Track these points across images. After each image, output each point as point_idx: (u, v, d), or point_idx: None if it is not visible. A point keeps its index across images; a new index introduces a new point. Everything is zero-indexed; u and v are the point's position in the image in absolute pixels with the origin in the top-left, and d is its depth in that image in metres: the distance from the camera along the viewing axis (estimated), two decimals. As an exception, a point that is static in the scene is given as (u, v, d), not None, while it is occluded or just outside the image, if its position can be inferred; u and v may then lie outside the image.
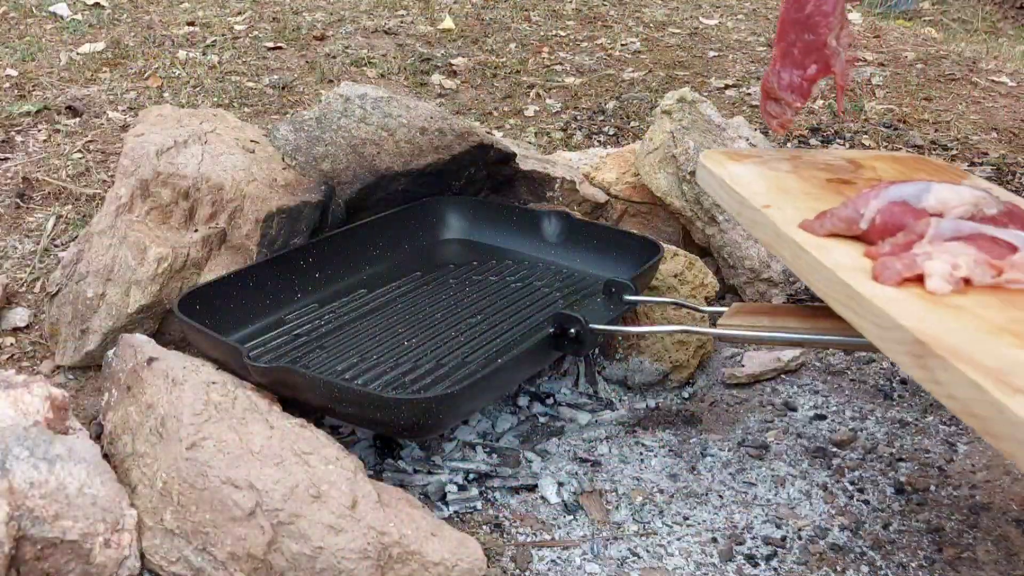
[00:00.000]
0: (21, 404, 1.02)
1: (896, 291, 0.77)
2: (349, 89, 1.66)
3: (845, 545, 1.16)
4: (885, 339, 0.74)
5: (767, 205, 0.98)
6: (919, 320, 0.72)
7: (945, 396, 0.67)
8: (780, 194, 1.01)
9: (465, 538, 1.02)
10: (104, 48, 2.56)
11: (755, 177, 1.07)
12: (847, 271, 0.82)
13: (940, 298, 0.76)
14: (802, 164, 1.11)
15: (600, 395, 1.46)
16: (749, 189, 1.03)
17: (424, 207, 1.64)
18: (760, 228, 0.98)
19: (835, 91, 2.68)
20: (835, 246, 0.88)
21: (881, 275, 0.79)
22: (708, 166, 1.11)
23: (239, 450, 1.03)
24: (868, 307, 0.76)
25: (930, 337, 0.69)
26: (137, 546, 1.00)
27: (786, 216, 0.95)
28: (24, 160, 1.83)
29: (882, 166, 1.13)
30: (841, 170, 1.11)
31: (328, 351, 1.29)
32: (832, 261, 0.84)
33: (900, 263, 0.79)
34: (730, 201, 1.05)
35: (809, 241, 0.88)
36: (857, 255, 0.86)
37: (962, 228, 0.82)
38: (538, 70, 2.70)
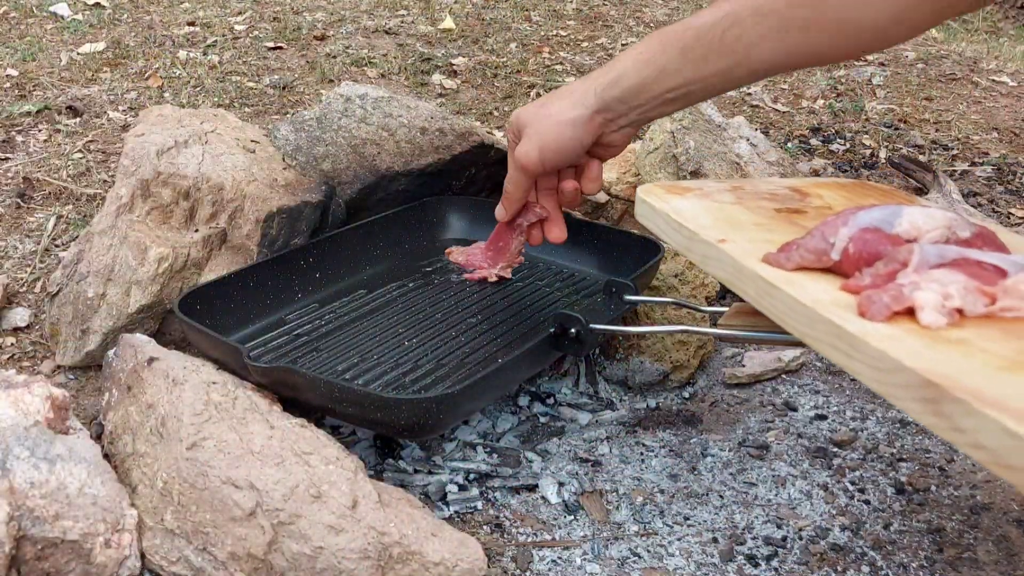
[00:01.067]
0: (21, 404, 1.02)
1: (888, 327, 0.70)
2: (349, 89, 1.66)
3: (846, 545, 1.16)
4: (886, 383, 0.66)
5: (722, 239, 0.90)
6: (924, 359, 0.64)
7: (970, 446, 0.58)
8: (730, 227, 0.94)
9: (466, 538, 1.02)
10: (105, 48, 2.56)
11: (700, 210, 1.00)
12: (828, 307, 0.74)
13: (937, 332, 0.69)
14: (746, 195, 1.05)
15: (600, 395, 1.46)
16: (697, 223, 0.96)
17: (425, 207, 1.64)
18: (716, 264, 0.90)
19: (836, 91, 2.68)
20: (806, 280, 0.80)
21: (868, 310, 0.72)
22: (648, 201, 1.04)
23: (239, 450, 1.03)
24: (861, 347, 0.68)
25: (943, 378, 0.61)
26: (137, 546, 1.00)
27: (743, 249, 0.88)
28: (24, 160, 1.83)
29: (828, 193, 1.07)
30: (787, 199, 1.05)
31: (328, 351, 1.29)
32: (810, 297, 0.76)
33: (887, 296, 0.72)
34: (677, 237, 0.98)
35: (777, 276, 0.81)
36: (833, 289, 0.78)
37: (946, 253, 0.75)
38: (539, 70, 2.70)
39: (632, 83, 1.00)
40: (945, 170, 2.20)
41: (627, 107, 1.02)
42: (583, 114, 1.04)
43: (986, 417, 0.56)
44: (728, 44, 0.92)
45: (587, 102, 1.04)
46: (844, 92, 2.68)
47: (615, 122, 1.05)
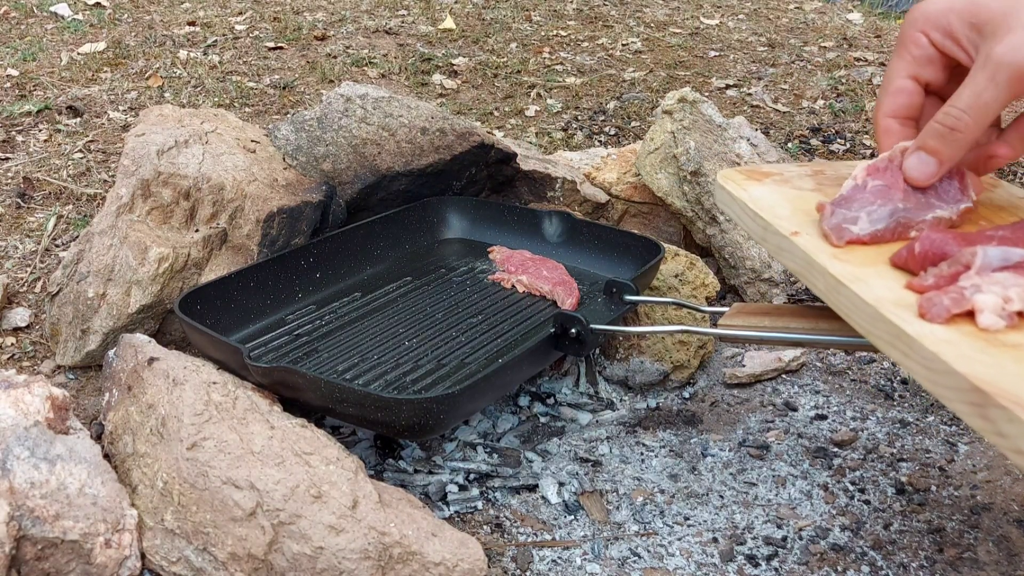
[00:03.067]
0: (22, 404, 1.02)
1: (945, 329, 0.71)
2: (350, 89, 1.66)
3: (846, 545, 1.16)
4: (938, 384, 0.67)
5: (795, 232, 0.90)
6: (975, 363, 0.65)
7: (1012, 450, 0.61)
8: (806, 217, 0.94)
9: (466, 538, 1.02)
10: (105, 48, 2.56)
11: (778, 199, 0.99)
12: (890, 307, 0.75)
13: (994, 335, 0.70)
14: (826, 180, 1.04)
15: (601, 395, 1.46)
16: (773, 213, 0.95)
17: (425, 207, 1.64)
18: (788, 256, 0.90)
19: (836, 91, 2.68)
20: (874, 277, 0.80)
21: (928, 312, 0.72)
22: (727, 188, 1.03)
23: (240, 450, 1.03)
24: (917, 349, 0.69)
25: (990, 384, 0.62)
26: (138, 546, 1.00)
27: (816, 244, 0.88)
28: (25, 160, 1.83)
29: None
30: None
31: (329, 351, 1.29)
32: (873, 296, 0.77)
33: (947, 298, 0.72)
34: (753, 226, 0.98)
35: (845, 273, 0.81)
36: (898, 287, 0.79)
37: (1010, 256, 0.75)
38: (539, 70, 2.70)
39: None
40: (945, 170, 2.19)
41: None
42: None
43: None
44: None
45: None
46: (844, 92, 2.68)
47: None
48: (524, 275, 1.47)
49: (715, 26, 3.21)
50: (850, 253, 0.85)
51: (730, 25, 3.24)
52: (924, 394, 1.48)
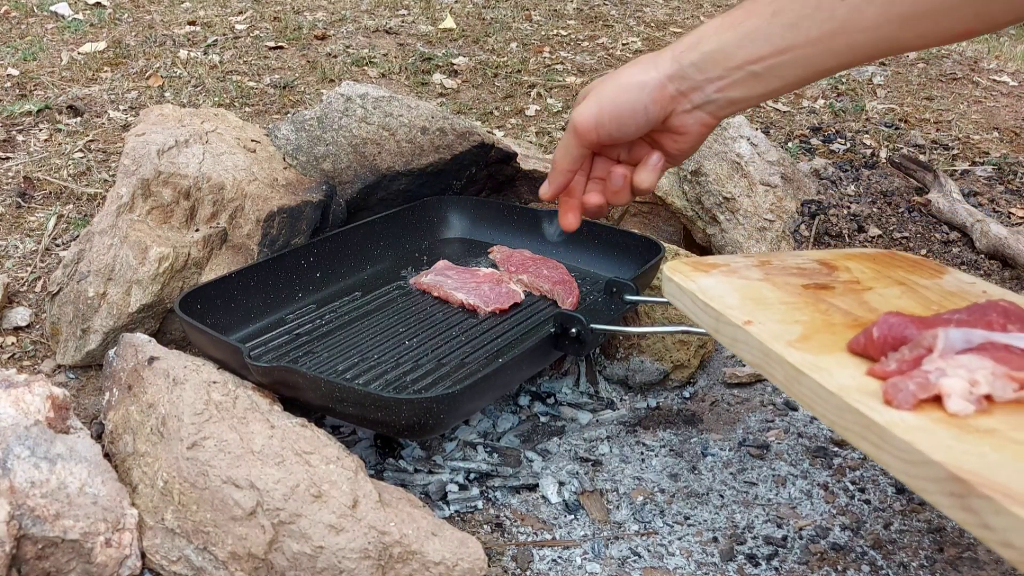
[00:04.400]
0: (22, 403, 1.02)
1: (915, 416, 0.68)
2: (350, 89, 1.66)
3: (846, 545, 1.16)
4: (914, 476, 0.64)
5: (748, 321, 0.88)
6: (953, 451, 0.62)
7: (1000, 544, 0.57)
8: (757, 306, 0.92)
9: (466, 538, 1.02)
10: (105, 48, 2.56)
11: (727, 289, 0.97)
12: (855, 395, 0.72)
13: (964, 421, 0.67)
14: (773, 270, 1.03)
15: (601, 395, 1.46)
16: (723, 303, 0.93)
17: (425, 207, 1.64)
18: (744, 347, 0.88)
19: (836, 91, 2.67)
20: (834, 365, 0.78)
21: (894, 398, 0.70)
22: (675, 280, 1.01)
23: (240, 450, 1.03)
24: (889, 438, 0.66)
25: (971, 473, 0.59)
26: (138, 545, 1.00)
27: (771, 331, 0.85)
28: (25, 159, 1.83)
29: (855, 266, 1.06)
30: (815, 274, 1.03)
31: (329, 351, 1.29)
32: (836, 384, 0.74)
33: (913, 383, 0.70)
34: (705, 318, 0.95)
35: (804, 362, 0.79)
36: (859, 374, 0.76)
37: (972, 337, 0.74)
38: (539, 69, 2.70)
39: (711, 47, 0.86)
40: (945, 170, 2.20)
41: (704, 78, 0.87)
42: (654, 78, 0.89)
43: (1015, 516, 0.55)
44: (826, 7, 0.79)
45: (660, 66, 0.90)
46: (845, 92, 2.68)
47: (689, 97, 0.89)
48: (524, 274, 1.47)
49: (715, 26, 3.21)
50: (807, 341, 0.83)
51: (730, 25, 3.23)
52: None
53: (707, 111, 0.90)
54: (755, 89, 0.87)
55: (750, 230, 1.64)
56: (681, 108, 0.91)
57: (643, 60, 0.92)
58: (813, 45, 0.82)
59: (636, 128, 0.92)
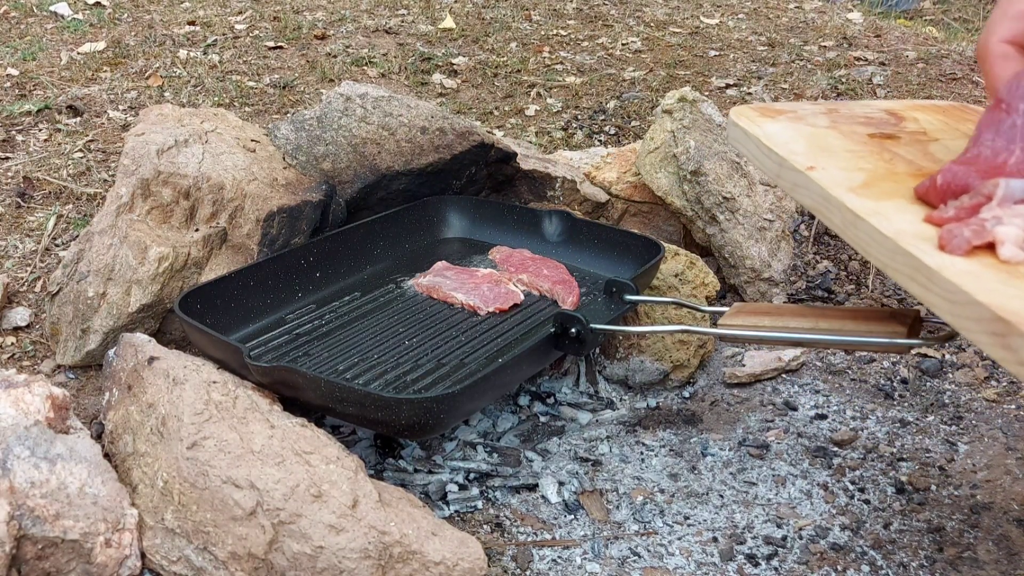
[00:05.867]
0: (22, 403, 1.02)
1: (966, 261, 0.70)
2: (350, 88, 1.66)
3: (846, 545, 1.16)
4: (959, 316, 0.67)
5: (811, 167, 0.89)
6: (997, 294, 0.65)
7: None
8: (822, 153, 0.93)
9: (466, 537, 1.02)
10: (105, 47, 2.56)
11: (793, 135, 0.98)
12: (910, 240, 0.74)
13: (1015, 267, 0.69)
14: (840, 118, 1.03)
15: (601, 395, 1.46)
16: (787, 149, 0.93)
17: (425, 206, 1.64)
18: (804, 192, 0.89)
19: (836, 91, 2.67)
20: (893, 210, 0.79)
21: (948, 244, 0.71)
22: (741, 125, 1.01)
23: (240, 450, 1.03)
24: (938, 280, 0.69)
25: (1013, 314, 0.62)
26: (138, 545, 1.00)
27: (833, 178, 0.86)
28: (25, 159, 1.83)
29: (924, 117, 1.06)
30: (882, 123, 1.03)
31: (329, 351, 1.29)
32: (892, 229, 0.76)
33: (968, 230, 0.71)
34: (767, 162, 0.96)
35: (863, 207, 0.80)
36: (917, 220, 0.78)
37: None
38: (539, 69, 2.70)
39: None
40: (945, 170, 2.19)
41: None
42: None
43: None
44: None
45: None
46: (844, 92, 2.67)
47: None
48: (524, 274, 1.47)
49: (715, 25, 3.21)
50: (868, 188, 0.84)
51: (730, 24, 3.24)
52: (924, 393, 1.48)
53: None
54: None
55: (750, 230, 1.64)
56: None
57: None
58: None
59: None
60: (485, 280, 1.45)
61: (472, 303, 1.39)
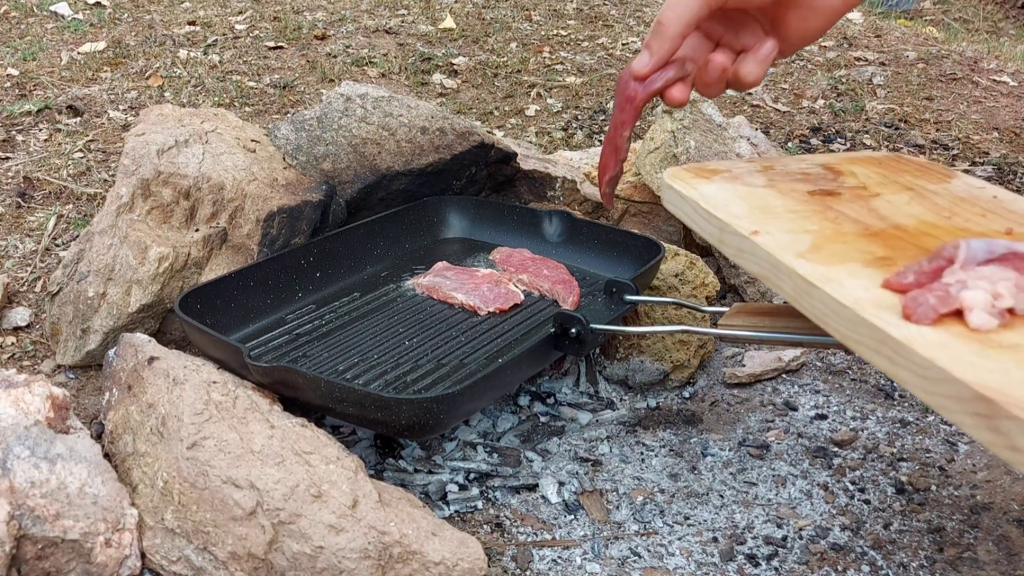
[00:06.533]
0: (22, 403, 1.02)
1: (934, 331, 0.64)
2: (350, 88, 1.66)
3: (846, 545, 1.16)
4: (934, 394, 0.60)
5: (755, 231, 0.83)
6: (977, 368, 0.59)
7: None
8: (764, 215, 0.87)
9: (466, 538, 1.02)
10: (105, 47, 2.56)
11: (731, 196, 0.92)
12: (871, 309, 0.68)
13: (987, 336, 0.64)
14: (777, 176, 0.98)
15: (601, 395, 1.46)
16: (728, 211, 0.88)
17: (425, 206, 1.64)
18: (751, 258, 0.83)
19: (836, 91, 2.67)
20: (846, 276, 0.74)
21: (914, 313, 0.66)
22: (676, 187, 0.95)
23: (240, 450, 1.03)
24: (908, 355, 0.62)
25: (998, 392, 0.56)
26: (138, 545, 1.00)
27: (779, 242, 0.81)
28: (25, 159, 1.83)
29: (861, 170, 1.01)
30: (820, 179, 0.98)
31: (329, 351, 1.29)
32: (850, 297, 0.70)
33: (933, 296, 0.66)
34: (708, 227, 0.90)
35: (815, 274, 0.74)
36: (874, 286, 0.72)
37: (995, 247, 0.69)
38: (539, 69, 2.70)
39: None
40: (945, 170, 2.19)
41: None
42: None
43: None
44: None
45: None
46: (844, 92, 2.67)
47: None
48: (524, 274, 1.47)
49: (715, 26, 3.21)
50: (817, 252, 0.79)
51: (730, 25, 3.23)
52: (924, 394, 1.48)
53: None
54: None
55: (750, 230, 1.64)
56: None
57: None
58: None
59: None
60: (485, 280, 1.45)
61: (472, 303, 1.39)
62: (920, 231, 0.84)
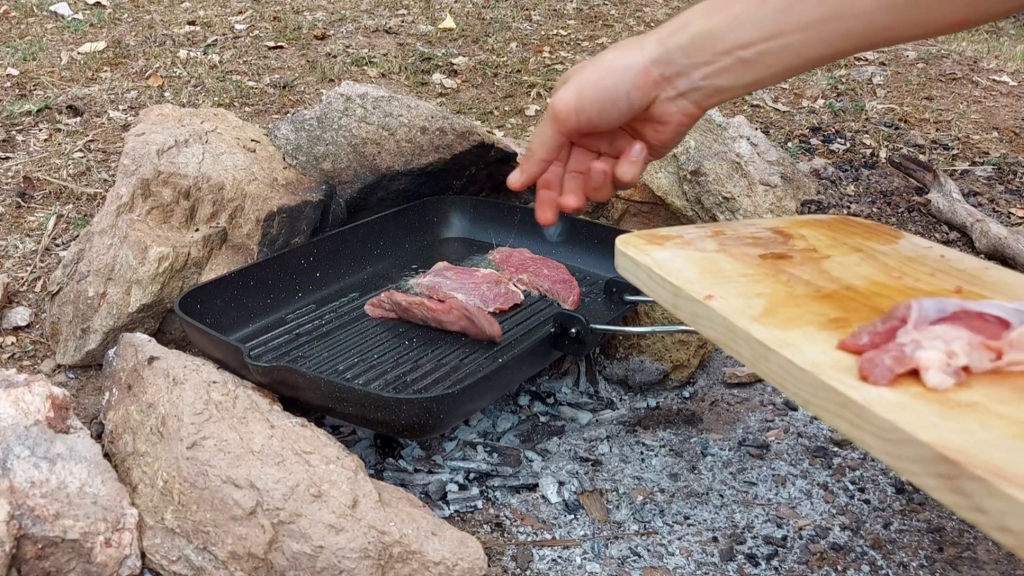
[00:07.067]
0: (22, 403, 1.02)
1: (893, 392, 0.65)
2: (350, 88, 1.66)
3: (846, 545, 1.16)
4: (898, 457, 0.60)
5: (709, 295, 0.84)
6: (938, 429, 0.59)
7: (996, 528, 0.53)
8: (717, 279, 0.88)
9: (466, 537, 1.02)
10: (105, 47, 2.56)
11: (683, 262, 0.93)
12: (829, 372, 0.68)
13: (944, 395, 0.64)
14: (728, 241, 0.99)
15: (601, 395, 1.46)
16: (681, 277, 0.89)
17: (425, 206, 1.64)
18: (705, 323, 0.83)
19: (836, 91, 2.67)
20: (803, 339, 0.74)
21: (870, 374, 0.66)
22: (629, 254, 0.97)
23: (240, 449, 1.03)
24: (870, 418, 0.63)
25: (960, 453, 0.56)
26: (138, 545, 1.00)
27: (733, 306, 0.81)
28: (25, 159, 1.83)
29: (811, 233, 1.02)
30: (771, 243, 0.99)
31: (329, 351, 1.29)
32: (808, 361, 0.70)
33: (888, 357, 0.67)
34: (662, 293, 0.91)
35: (772, 338, 0.75)
36: (830, 348, 0.72)
37: (946, 306, 0.71)
38: (539, 69, 2.70)
39: (699, 30, 0.82)
40: (945, 169, 2.20)
41: (690, 62, 0.83)
42: (638, 61, 0.85)
43: (1011, 499, 0.52)
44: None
45: (645, 49, 0.85)
46: (844, 92, 2.68)
47: (673, 83, 0.85)
48: (524, 274, 1.47)
49: (715, 25, 3.21)
50: (771, 315, 0.80)
51: (730, 24, 3.24)
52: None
53: (692, 100, 0.86)
54: (743, 77, 0.82)
55: (750, 230, 1.64)
56: (665, 95, 0.86)
57: (627, 43, 0.87)
58: (805, 31, 0.78)
59: (618, 115, 0.88)
60: (485, 280, 1.45)
61: (472, 303, 1.39)
62: (872, 291, 0.84)
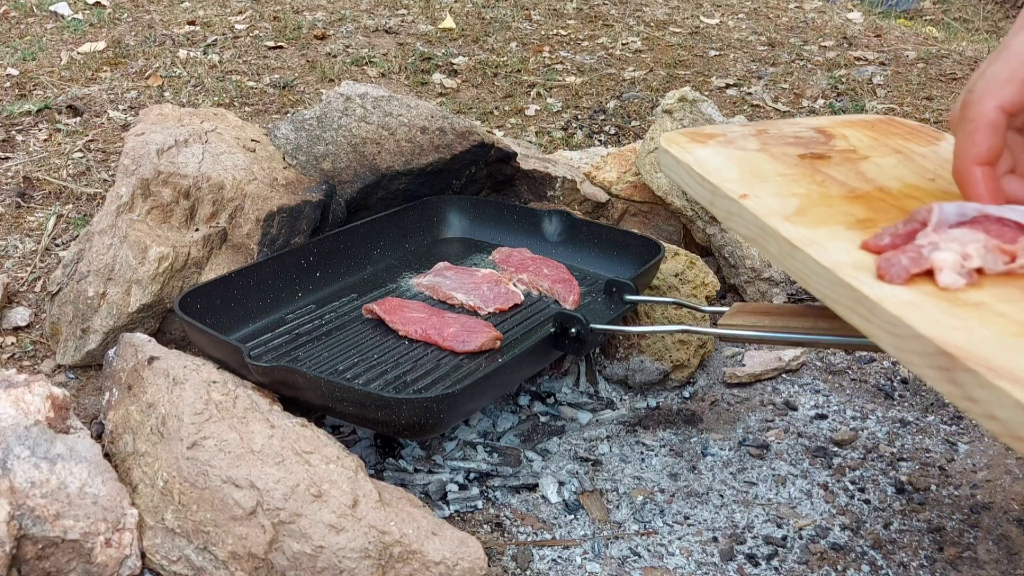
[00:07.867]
0: (22, 403, 1.02)
1: (906, 291, 0.68)
2: (350, 88, 1.66)
3: (846, 544, 1.16)
4: (903, 350, 0.65)
5: (744, 195, 0.86)
6: (941, 326, 0.63)
7: (984, 416, 0.58)
8: (754, 179, 0.90)
9: (466, 537, 1.02)
10: (105, 47, 2.56)
11: (724, 161, 0.95)
12: (849, 270, 0.72)
13: (955, 295, 0.67)
14: (770, 140, 1.01)
15: (601, 394, 1.46)
16: (720, 176, 0.91)
17: (425, 206, 1.64)
18: (739, 221, 0.86)
19: (836, 91, 2.67)
20: (828, 238, 0.77)
21: (887, 273, 0.70)
22: (671, 151, 0.98)
23: (240, 449, 1.03)
24: (879, 313, 0.67)
25: (956, 348, 0.60)
26: (138, 545, 1.00)
27: (767, 206, 0.84)
28: (25, 159, 1.83)
29: (853, 133, 1.03)
30: (812, 143, 1.01)
31: (329, 351, 1.29)
32: (830, 259, 0.74)
33: (905, 258, 0.70)
34: (701, 191, 0.93)
35: (799, 236, 0.78)
36: (854, 248, 0.76)
37: (966, 210, 0.73)
38: (539, 69, 2.70)
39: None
40: (945, 169, 2.19)
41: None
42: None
43: (998, 389, 0.56)
44: None
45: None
46: (845, 92, 2.68)
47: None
48: (524, 274, 1.47)
49: (715, 25, 3.22)
50: (803, 215, 0.82)
51: (730, 24, 3.24)
52: (924, 393, 1.48)
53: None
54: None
55: (750, 230, 1.64)
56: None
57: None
58: None
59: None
60: (485, 280, 1.45)
61: (472, 303, 1.39)
62: (904, 193, 0.86)
